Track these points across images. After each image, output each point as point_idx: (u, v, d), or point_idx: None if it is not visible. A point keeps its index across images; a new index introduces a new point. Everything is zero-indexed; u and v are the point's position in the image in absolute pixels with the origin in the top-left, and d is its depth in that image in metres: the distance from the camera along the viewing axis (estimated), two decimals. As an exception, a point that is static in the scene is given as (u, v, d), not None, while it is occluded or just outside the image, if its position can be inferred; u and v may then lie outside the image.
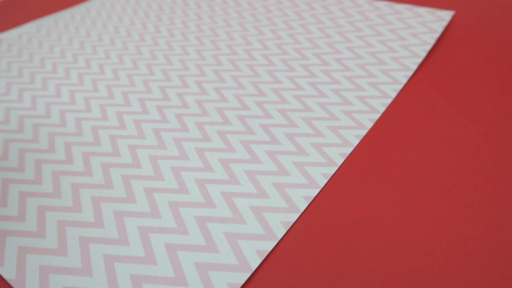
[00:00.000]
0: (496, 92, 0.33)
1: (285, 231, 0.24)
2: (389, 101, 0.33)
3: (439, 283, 0.21)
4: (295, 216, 0.25)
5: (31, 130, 0.32)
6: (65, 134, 0.32)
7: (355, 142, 0.30)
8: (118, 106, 0.35)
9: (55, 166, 0.27)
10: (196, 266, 0.22)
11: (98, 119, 0.34)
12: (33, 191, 0.25)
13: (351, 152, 0.29)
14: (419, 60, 0.36)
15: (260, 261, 0.23)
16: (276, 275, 0.23)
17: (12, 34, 0.49)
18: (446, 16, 0.41)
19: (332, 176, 0.27)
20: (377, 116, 0.31)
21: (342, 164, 0.28)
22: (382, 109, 0.32)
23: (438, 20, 0.41)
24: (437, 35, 0.39)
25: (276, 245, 0.24)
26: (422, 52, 0.37)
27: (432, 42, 0.38)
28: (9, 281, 0.23)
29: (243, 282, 0.22)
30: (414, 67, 0.36)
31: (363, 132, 0.30)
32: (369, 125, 0.31)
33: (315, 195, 0.26)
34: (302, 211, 0.25)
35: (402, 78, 0.35)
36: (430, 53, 0.38)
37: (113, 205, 0.23)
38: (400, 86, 0.34)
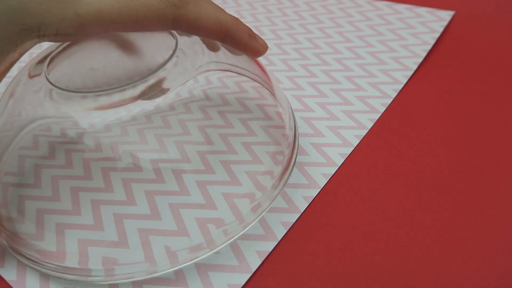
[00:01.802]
0: (496, 92, 0.33)
1: (285, 231, 0.24)
2: (389, 101, 0.33)
3: (439, 283, 0.21)
4: (295, 216, 0.25)
5: (47, 146, 0.32)
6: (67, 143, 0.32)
7: (355, 142, 0.30)
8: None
9: (54, 170, 0.27)
10: (197, 267, 0.22)
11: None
12: (32, 194, 0.25)
13: (351, 152, 0.29)
14: (419, 60, 0.36)
15: (260, 262, 0.23)
16: (276, 276, 0.23)
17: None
18: (446, 16, 0.41)
19: (332, 176, 0.27)
20: (377, 116, 0.31)
21: (342, 164, 0.28)
22: (382, 109, 0.32)
23: (438, 20, 0.41)
24: (437, 35, 0.39)
25: (276, 245, 0.24)
26: (422, 52, 0.37)
27: (432, 42, 0.38)
28: (9, 282, 0.23)
29: (243, 282, 0.22)
30: (414, 67, 0.36)
31: (363, 132, 0.30)
32: (369, 125, 0.31)
33: (315, 195, 0.26)
34: (302, 211, 0.25)
35: (402, 78, 0.35)
36: (430, 53, 0.38)
37: (113, 207, 0.23)
38: (400, 86, 0.34)
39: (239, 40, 0.23)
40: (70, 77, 0.24)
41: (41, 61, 0.26)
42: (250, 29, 0.24)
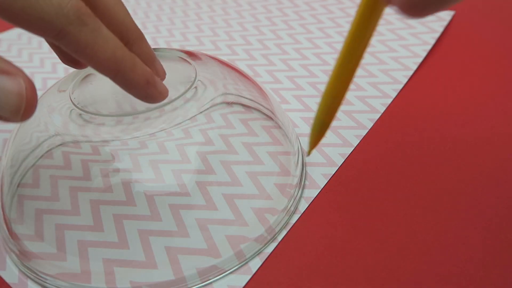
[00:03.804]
0: (496, 92, 0.33)
1: (286, 232, 0.24)
2: (389, 101, 0.33)
3: (439, 283, 0.21)
4: (296, 216, 0.25)
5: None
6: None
7: (355, 142, 0.30)
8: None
9: (52, 171, 0.27)
10: (197, 269, 0.22)
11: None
12: (31, 194, 0.25)
13: (351, 152, 0.29)
14: (419, 60, 0.36)
15: (260, 263, 0.23)
16: (277, 276, 0.23)
17: (12, 34, 0.49)
18: (446, 16, 0.41)
19: (332, 176, 0.27)
20: (377, 116, 0.31)
21: (342, 164, 0.28)
22: (382, 109, 0.32)
23: (438, 20, 0.41)
24: (437, 35, 0.39)
25: (276, 246, 0.24)
26: (422, 52, 0.37)
27: (432, 42, 0.38)
28: (11, 285, 0.24)
29: (243, 284, 0.22)
30: (414, 67, 0.36)
31: (363, 132, 0.30)
32: (369, 125, 0.31)
33: (315, 195, 0.26)
34: (303, 211, 0.25)
35: (402, 78, 0.35)
36: (430, 53, 0.38)
37: (112, 208, 0.23)
38: (400, 86, 0.34)
39: (132, 84, 0.21)
40: (91, 100, 0.25)
41: (70, 79, 0.27)
42: (152, 75, 0.22)
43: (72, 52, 0.19)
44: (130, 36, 0.22)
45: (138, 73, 0.21)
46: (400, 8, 0.15)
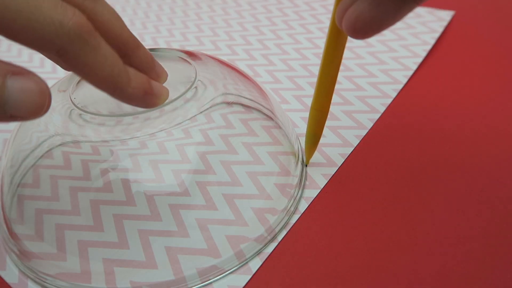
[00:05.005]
0: (496, 92, 0.33)
1: (286, 232, 0.24)
2: (389, 101, 0.33)
3: (439, 283, 0.21)
4: (296, 216, 0.25)
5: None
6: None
7: (355, 142, 0.30)
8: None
9: (52, 171, 0.27)
10: (197, 269, 0.22)
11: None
12: (31, 194, 0.25)
13: (351, 152, 0.29)
14: (419, 60, 0.36)
15: (260, 263, 0.23)
16: (277, 276, 0.23)
17: (12, 34, 0.49)
18: (446, 16, 0.41)
19: (332, 176, 0.27)
20: (377, 116, 0.31)
21: (342, 164, 0.28)
22: (382, 109, 0.32)
23: (438, 20, 0.41)
24: (437, 35, 0.39)
25: (276, 246, 0.24)
26: (422, 52, 0.37)
27: (432, 42, 0.38)
28: (11, 285, 0.24)
29: (243, 284, 0.22)
30: (414, 67, 0.36)
31: (363, 132, 0.30)
32: (369, 125, 0.31)
33: (315, 195, 0.26)
34: (303, 211, 0.25)
35: (402, 78, 0.35)
36: (430, 53, 0.38)
37: (112, 208, 0.23)
38: (400, 86, 0.34)
39: (130, 98, 0.21)
40: (91, 100, 0.25)
41: (70, 79, 0.27)
42: (148, 83, 0.21)
43: (71, 69, 0.19)
44: (128, 47, 0.22)
45: (134, 86, 0.20)
46: (347, 32, 0.19)
